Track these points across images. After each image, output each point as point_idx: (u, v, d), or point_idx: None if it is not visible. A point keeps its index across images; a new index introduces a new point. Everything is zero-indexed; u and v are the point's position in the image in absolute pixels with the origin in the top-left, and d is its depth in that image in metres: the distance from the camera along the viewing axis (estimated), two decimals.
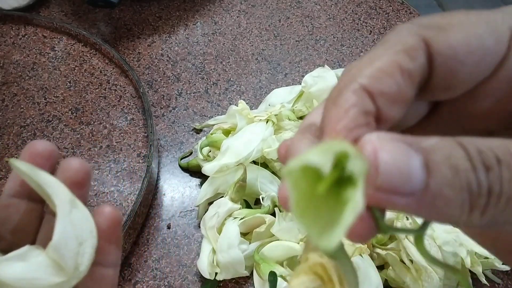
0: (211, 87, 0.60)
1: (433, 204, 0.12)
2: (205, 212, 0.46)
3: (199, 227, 0.48)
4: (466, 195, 0.12)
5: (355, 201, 0.12)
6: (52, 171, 0.20)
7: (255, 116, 0.48)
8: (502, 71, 0.15)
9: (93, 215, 0.20)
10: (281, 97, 0.54)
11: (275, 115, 0.48)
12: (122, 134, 0.54)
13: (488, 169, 0.12)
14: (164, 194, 0.51)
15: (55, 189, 0.19)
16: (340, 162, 0.13)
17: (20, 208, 0.20)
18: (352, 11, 0.71)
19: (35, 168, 0.19)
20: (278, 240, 0.43)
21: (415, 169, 0.12)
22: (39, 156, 0.20)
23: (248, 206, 0.47)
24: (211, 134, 0.51)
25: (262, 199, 0.45)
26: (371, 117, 0.14)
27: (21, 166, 0.18)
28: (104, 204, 0.20)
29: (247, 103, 0.50)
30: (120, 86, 0.59)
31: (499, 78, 0.15)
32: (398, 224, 0.40)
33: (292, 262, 0.43)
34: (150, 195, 0.50)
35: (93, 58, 0.61)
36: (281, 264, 0.42)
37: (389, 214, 0.42)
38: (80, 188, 0.20)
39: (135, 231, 0.48)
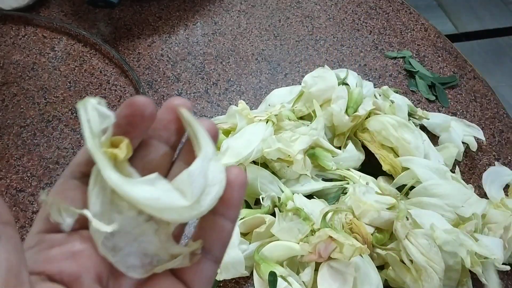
0: (211, 87, 0.60)
1: None
2: None
3: None
4: None
5: None
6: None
7: (255, 116, 0.48)
8: None
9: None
10: (281, 97, 0.54)
11: (275, 115, 0.48)
12: None
13: None
14: None
15: (205, 138, 0.21)
16: None
17: (159, 150, 0.22)
18: (352, 11, 0.71)
19: (193, 117, 0.21)
20: (278, 240, 0.43)
21: None
22: (173, 111, 0.22)
23: (248, 206, 0.47)
24: None
25: (262, 199, 0.45)
26: None
27: (185, 113, 0.21)
28: (234, 166, 0.22)
29: (247, 103, 0.50)
30: (120, 86, 0.59)
31: None
32: (398, 224, 0.40)
33: (292, 262, 0.43)
34: None
35: (93, 58, 0.61)
36: (281, 264, 0.42)
37: (389, 214, 0.42)
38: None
39: None
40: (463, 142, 0.54)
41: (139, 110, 0.21)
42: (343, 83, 0.53)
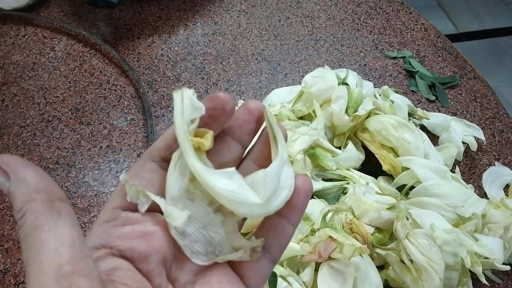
0: (211, 87, 0.60)
1: None
2: None
3: None
4: None
5: None
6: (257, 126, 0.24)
7: None
8: None
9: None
10: (281, 97, 0.54)
11: (275, 115, 0.48)
12: (122, 134, 0.54)
13: None
14: None
15: (283, 143, 0.22)
16: None
17: (232, 147, 0.23)
18: (352, 11, 0.71)
19: (276, 122, 0.23)
20: None
21: None
22: (250, 113, 0.23)
23: None
24: None
25: None
26: None
27: (270, 116, 0.23)
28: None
29: None
30: (120, 86, 0.59)
31: None
32: (398, 224, 0.40)
33: (292, 262, 0.43)
34: None
35: (93, 58, 0.61)
36: (281, 264, 0.42)
37: (389, 214, 0.42)
38: None
39: None
40: (463, 142, 0.54)
41: (222, 104, 0.21)
42: (343, 83, 0.53)
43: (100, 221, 0.21)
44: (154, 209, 0.21)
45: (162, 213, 0.21)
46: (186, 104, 0.21)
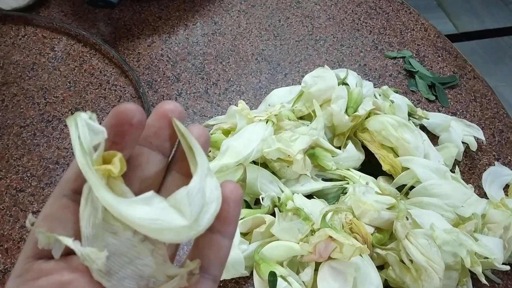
0: (211, 87, 0.60)
1: None
2: None
3: None
4: None
5: None
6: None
7: (255, 116, 0.48)
8: None
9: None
10: (281, 97, 0.54)
11: (275, 115, 0.48)
12: None
13: None
14: None
15: (201, 152, 0.20)
16: None
17: (151, 159, 0.21)
18: (352, 11, 0.71)
19: (188, 131, 0.21)
20: (278, 240, 0.43)
21: None
22: (164, 117, 0.21)
23: (248, 206, 0.47)
24: (211, 134, 0.51)
25: (262, 199, 0.45)
26: None
27: (180, 125, 0.21)
28: (228, 180, 0.21)
29: (247, 103, 0.50)
30: (120, 86, 0.59)
31: None
32: (398, 224, 0.40)
33: (292, 262, 0.43)
34: None
35: (93, 58, 0.61)
36: (281, 264, 0.42)
37: (389, 214, 0.42)
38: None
39: None
40: (463, 142, 0.54)
41: (127, 118, 0.19)
42: (343, 83, 0.53)
43: (13, 276, 0.19)
44: (73, 251, 0.19)
45: None
46: (83, 131, 0.19)
